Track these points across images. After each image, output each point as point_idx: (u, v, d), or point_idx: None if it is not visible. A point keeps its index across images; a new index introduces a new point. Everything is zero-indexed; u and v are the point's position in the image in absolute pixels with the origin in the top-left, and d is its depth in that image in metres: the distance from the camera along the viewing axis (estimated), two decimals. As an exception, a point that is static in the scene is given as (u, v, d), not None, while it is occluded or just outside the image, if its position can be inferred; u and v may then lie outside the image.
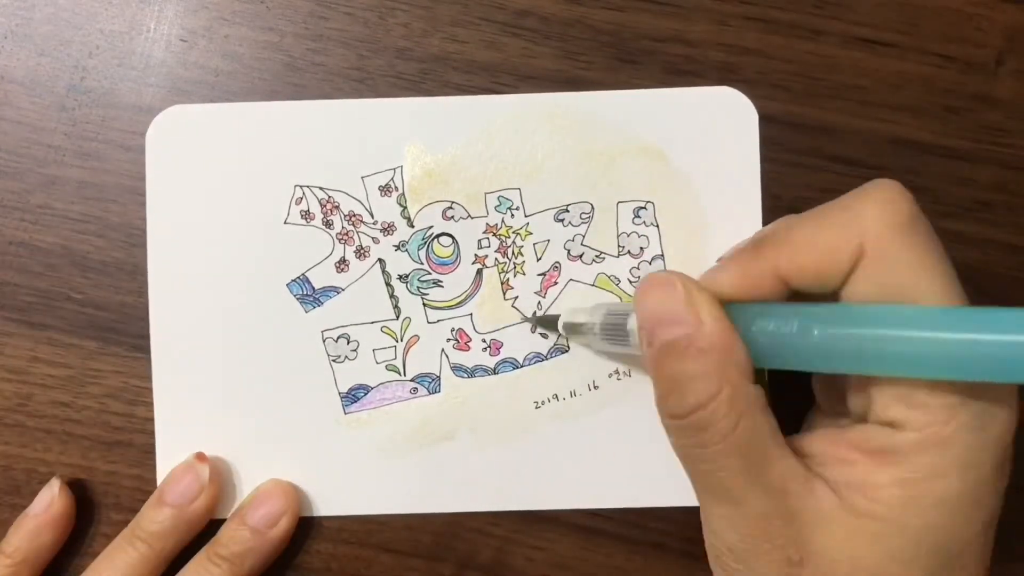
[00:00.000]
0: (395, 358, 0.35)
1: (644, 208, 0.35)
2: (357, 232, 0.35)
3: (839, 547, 0.25)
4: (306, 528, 0.35)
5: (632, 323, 0.29)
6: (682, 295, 0.26)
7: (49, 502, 0.34)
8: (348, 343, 0.35)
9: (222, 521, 0.34)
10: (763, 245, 0.27)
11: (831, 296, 0.26)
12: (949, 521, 0.25)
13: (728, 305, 0.26)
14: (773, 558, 0.25)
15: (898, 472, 0.25)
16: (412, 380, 0.35)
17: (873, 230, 0.25)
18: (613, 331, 0.31)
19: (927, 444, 0.24)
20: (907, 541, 0.25)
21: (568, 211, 0.35)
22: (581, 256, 0.35)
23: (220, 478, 0.34)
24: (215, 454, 0.34)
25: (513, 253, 0.35)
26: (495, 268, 0.35)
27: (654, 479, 0.34)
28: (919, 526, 0.25)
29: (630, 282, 0.35)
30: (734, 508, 0.26)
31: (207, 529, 0.34)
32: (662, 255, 0.35)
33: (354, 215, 0.35)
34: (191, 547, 0.34)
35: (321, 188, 0.35)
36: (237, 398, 0.35)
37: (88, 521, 0.35)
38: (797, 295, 0.27)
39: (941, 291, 0.25)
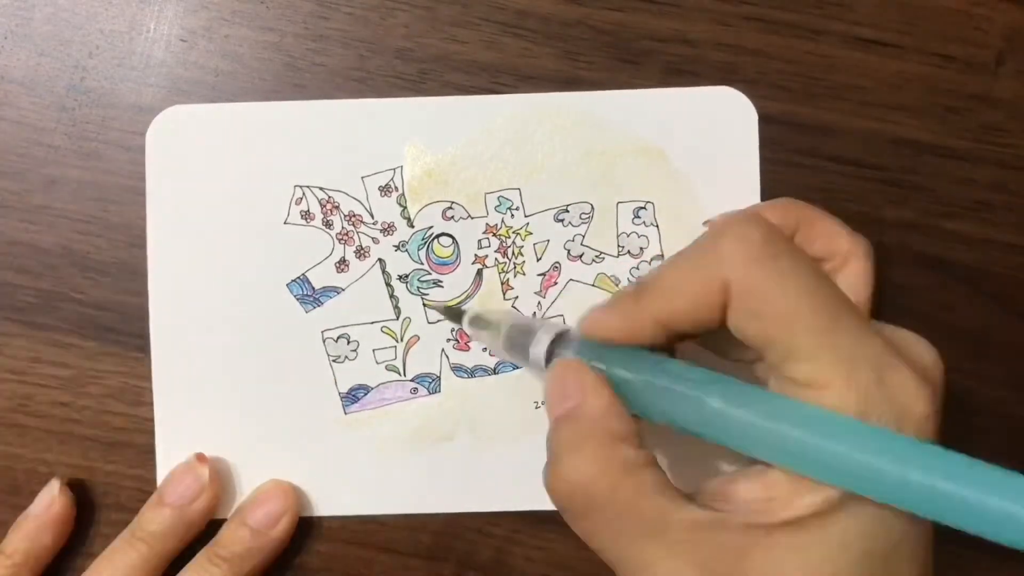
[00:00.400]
0: (395, 358, 0.35)
1: (644, 208, 0.35)
2: (357, 232, 0.35)
3: (761, 572, 0.24)
4: (306, 528, 0.35)
5: (534, 350, 0.30)
6: (576, 373, 0.27)
7: (49, 503, 0.33)
8: (348, 343, 0.35)
9: (222, 521, 0.34)
10: (641, 292, 0.27)
11: (719, 333, 0.27)
12: (871, 527, 0.24)
13: (623, 354, 0.27)
14: None
15: (818, 493, 0.24)
16: (412, 380, 0.35)
17: (733, 266, 0.25)
18: (517, 349, 0.31)
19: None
20: (830, 549, 0.24)
21: (568, 211, 0.35)
22: (581, 256, 0.35)
23: (220, 479, 0.34)
24: (215, 454, 0.34)
25: (513, 253, 0.35)
26: (495, 268, 0.35)
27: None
28: (840, 532, 0.24)
29: (630, 282, 0.35)
30: (645, 571, 0.25)
31: (207, 528, 0.34)
32: (662, 255, 0.35)
33: (354, 215, 0.35)
34: (191, 547, 0.34)
35: (321, 188, 0.35)
36: (237, 398, 0.35)
37: (88, 521, 0.35)
38: (686, 336, 0.27)
39: (808, 309, 0.25)
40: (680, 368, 0.26)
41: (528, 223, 0.35)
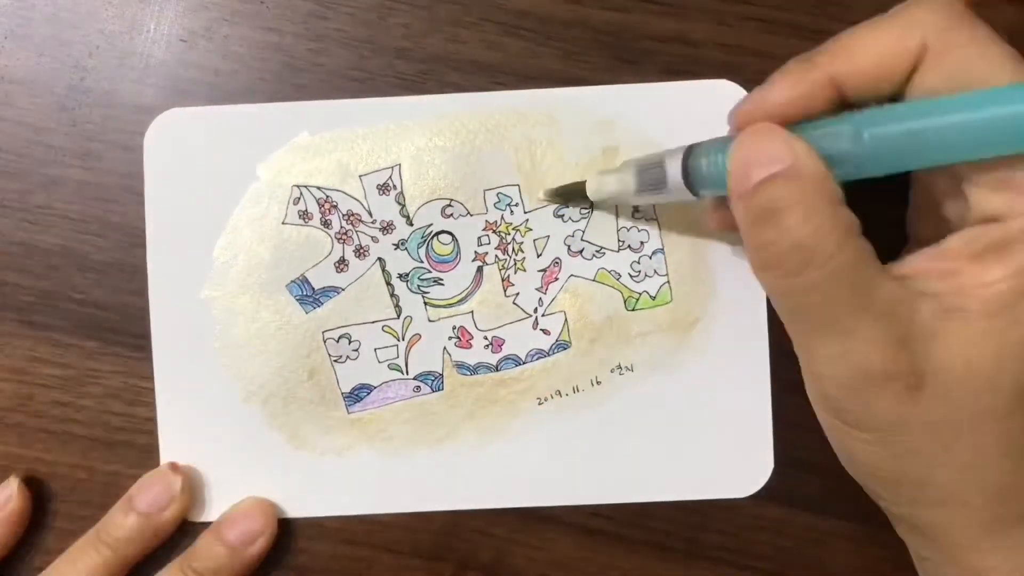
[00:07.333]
0: (397, 357, 0.35)
1: (644, 204, 0.35)
2: (356, 231, 0.35)
3: (953, 358, 0.24)
4: (306, 528, 0.35)
5: (670, 169, 0.29)
6: (781, 136, 0.26)
7: (7, 499, 0.33)
8: (349, 343, 0.35)
9: (197, 524, 0.34)
10: (816, 55, 0.27)
11: (887, 101, 0.27)
12: None
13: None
14: (890, 388, 0.25)
15: (1007, 264, 0.24)
16: (415, 379, 0.35)
17: (935, 25, 0.26)
18: (652, 182, 0.30)
19: None
20: (1021, 333, 0.24)
21: (568, 207, 0.35)
22: (581, 251, 0.35)
23: (192, 488, 0.34)
24: (216, 454, 0.34)
25: (513, 250, 0.35)
26: (495, 265, 0.35)
27: (657, 474, 0.34)
28: None
29: (631, 276, 0.35)
30: (844, 341, 0.25)
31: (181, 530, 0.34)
32: (662, 249, 0.35)
33: (352, 214, 0.35)
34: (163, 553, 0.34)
35: (319, 188, 0.35)
36: (238, 398, 0.34)
37: (88, 521, 0.34)
38: (849, 107, 0.27)
39: (1011, 71, 0.25)
40: (827, 119, 0.26)
41: (528, 219, 0.35)
